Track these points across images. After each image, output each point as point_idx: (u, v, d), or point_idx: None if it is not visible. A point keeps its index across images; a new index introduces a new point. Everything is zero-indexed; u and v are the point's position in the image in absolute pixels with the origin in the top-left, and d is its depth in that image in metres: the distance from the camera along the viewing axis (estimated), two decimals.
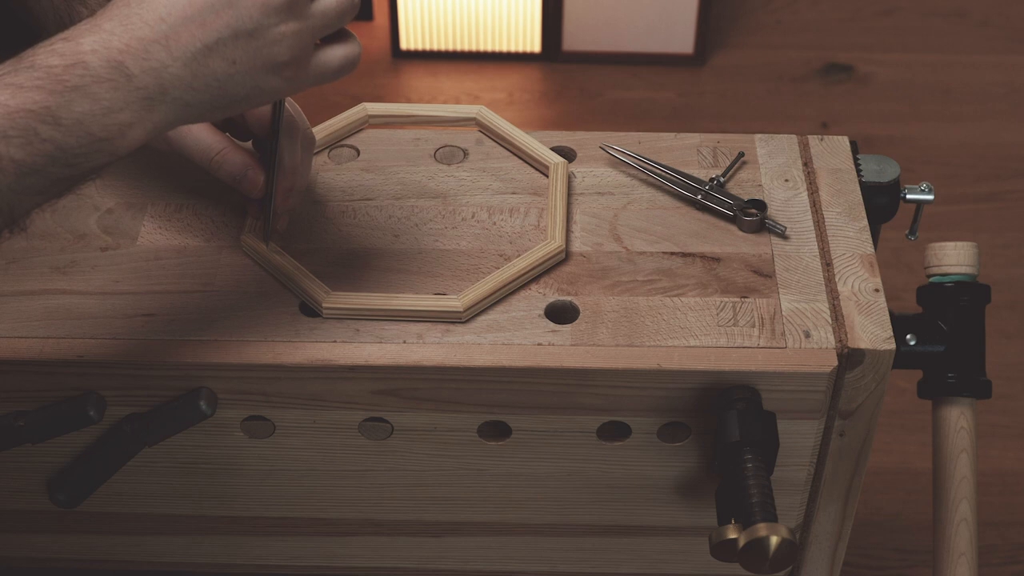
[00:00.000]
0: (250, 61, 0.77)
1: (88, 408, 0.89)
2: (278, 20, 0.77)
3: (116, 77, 0.73)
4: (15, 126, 0.70)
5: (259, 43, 0.77)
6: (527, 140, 1.04)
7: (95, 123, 0.73)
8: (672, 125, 2.39)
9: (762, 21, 2.66)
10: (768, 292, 0.94)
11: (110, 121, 0.73)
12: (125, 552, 1.05)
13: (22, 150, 0.71)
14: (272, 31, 0.77)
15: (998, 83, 2.51)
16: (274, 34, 0.77)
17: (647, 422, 0.92)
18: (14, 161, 0.70)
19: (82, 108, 0.72)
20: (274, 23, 0.77)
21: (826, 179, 1.03)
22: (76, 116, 0.72)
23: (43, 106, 0.71)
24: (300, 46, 0.79)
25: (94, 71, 0.72)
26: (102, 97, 0.73)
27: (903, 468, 1.83)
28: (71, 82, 0.72)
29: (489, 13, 2.48)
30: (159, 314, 0.92)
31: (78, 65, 0.72)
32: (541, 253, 0.94)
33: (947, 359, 0.98)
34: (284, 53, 0.78)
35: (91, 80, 0.72)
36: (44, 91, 0.71)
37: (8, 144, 0.70)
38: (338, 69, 0.83)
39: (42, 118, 0.71)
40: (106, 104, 0.73)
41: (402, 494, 0.98)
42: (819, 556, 1.03)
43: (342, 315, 0.91)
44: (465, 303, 0.91)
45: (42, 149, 0.71)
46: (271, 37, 0.77)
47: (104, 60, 0.73)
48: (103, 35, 0.73)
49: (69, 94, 0.72)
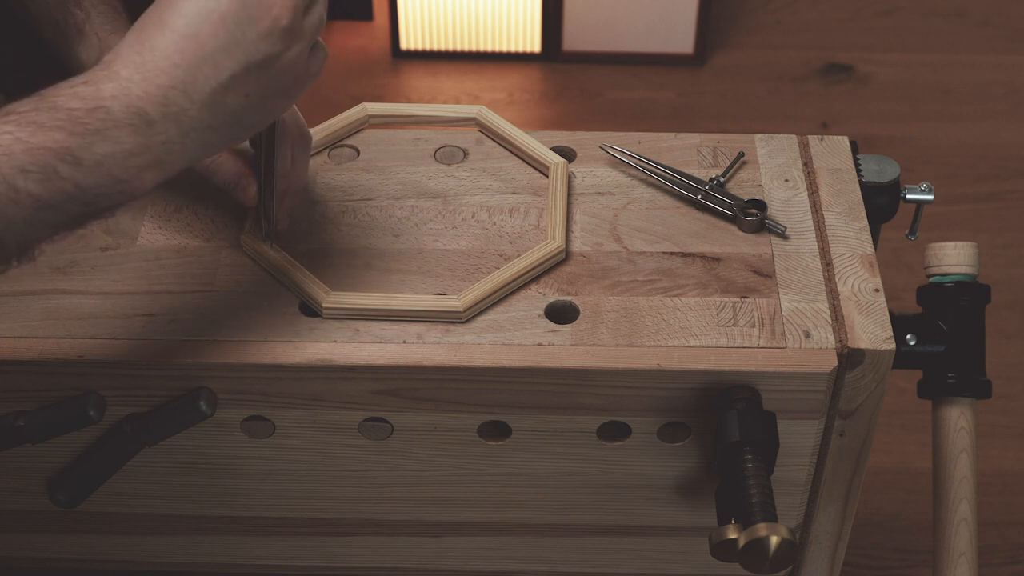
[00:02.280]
0: (262, 91, 0.79)
1: (88, 408, 0.89)
2: (283, 47, 0.78)
3: (137, 123, 0.74)
4: (35, 162, 0.71)
5: (270, 72, 0.78)
6: (527, 140, 1.04)
7: (116, 165, 0.74)
8: (672, 125, 2.39)
9: (762, 21, 2.66)
10: (768, 292, 0.94)
11: (130, 164, 0.74)
12: (125, 552, 1.05)
13: (40, 185, 0.71)
14: (281, 59, 0.78)
15: (998, 83, 2.51)
16: (283, 61, 0.79)
17: (647, 422, 0.92)
18: (31, 195, 0.71)
19: (103, 150, 0.73)
20: (280, 50, 0.78)
21: (826, 179, 1.03)
22: (97, 158, 0.73)
23: (63, 146, 0.72)
24: (303, 64, 0.81)
25: (115, 116, 0.74)
26: (123, 141, 0.74)
27: (903, 468, 1.83)
28: (92, 125, 0.73)
29: (489, 13, 2.48)
30: (159, 314, 0.92)
31: (99, 110, 0.73)
32: (541, 253, 0.94)
33: (947, 359, 0.98)
34: (290, 78, 0.80)
35: (112, 125, 0.73)
36: (65, 132, 0.72)
37: (27, 179, 0.71)
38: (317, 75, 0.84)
39: (62, 157, 0.72)
40: (127, 147, 0.74)
41: (402, 494, 0.98)
42: (819, 556, 1.03)
43: (342, 315, 0.91)
44: (465, 303, 0.91)
45: (60, 187, 0.72)
46: (280, 65, 0.79)
47: (125, 107, 0.74)
48: (122, 82, 0.74)
49: (90, 136, 0.73)
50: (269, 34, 0.77)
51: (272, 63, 0.78)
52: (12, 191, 0.71)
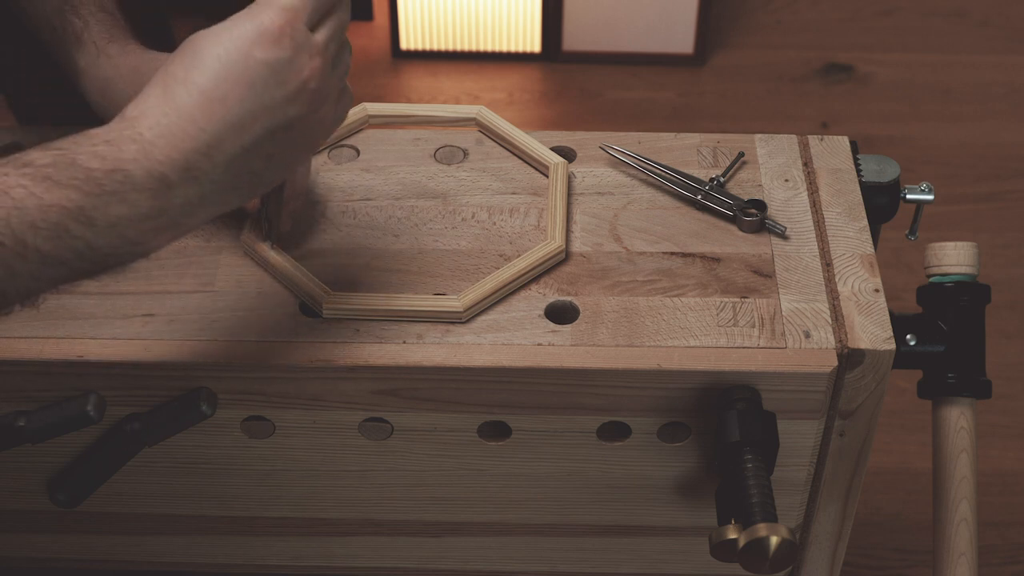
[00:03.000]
0: (285, 153, 0.77)
1: (88, 408, 0.89)
2: (311, 109, 0.77)
3: (157, 187, 0.72)
4: (46, 219, 0.69)
5: (294, 133, 0.77)
6: (527, 140, 1.04)
7: (130, 227, 0.72)
8: (672, 125, 2.39)
9: (762, 21, 2.66)
10: (768, 292, 0.94)
11: (145, 227, 0.73)
12: (125, 552, 1.05)
13: (50, 243, 0.70)
14: (307, 120, 0.77)
15: (998, 83, 2.51)
16: (309, 122, 0.77)
17: (647, 422, 0.92)
18: (39, 252, 0.70)
19: (118, 213, 0.71)
20: (307, 112, 0.77)
21: (826, 179, 1.03)
22: (111, 220, 0.71)
23: (78, 206, 0.70)
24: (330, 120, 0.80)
25: (134, 180, 0.71)
26: (140, 204, 0.72)
27: (903, 468, 1.83)
28: (109, 187, 0.71)
29: (489, 13, 2.48)
30: (159, 314, 0.92)
31: (118, 172, 0.71)
32: (541, 253, 0.94)
33: (947, 359, 0.98)
34: (317, 132, 0.79)
35: (131, 188, 0.71)
36: (81, 192, 0.70)
37: (36, 235, 0.69)
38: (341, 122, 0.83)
39: (75, 216, 0.70)
40: (143, 211, 0.72)
41: (402, 494, 0.98)
42: (819, 556, 1.03)
43: (342, 315, 0.91)
44: (465, 303, 0.91)
45: (71, 245, 0.71)
46: (305, 125, 0.77)
47: (145, 170, 0.72)
48: (144, 145, 0.72)
49: (106, 198, 0.71)
50: (297, 97, 0.75)
51: (300, 124, 0.77)
52: (20, 246, 0.69)
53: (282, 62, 0.74)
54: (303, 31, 0.75)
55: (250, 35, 0.74)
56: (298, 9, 0.75)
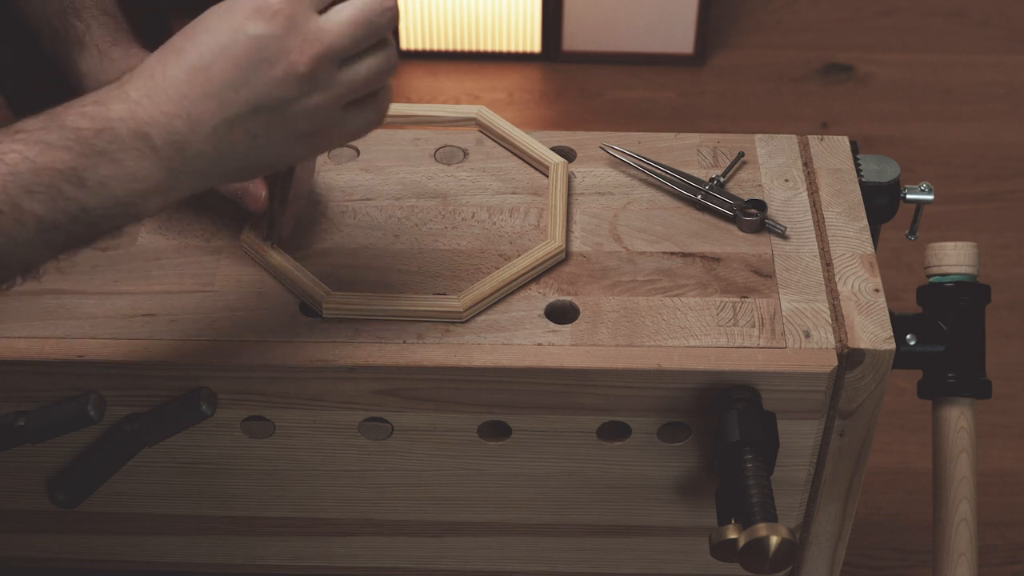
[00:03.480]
0: (271, 135, 0.76)
1: (88, 408, 0.89)
2: (300, 94, 0.75)
3: (142, 147, 0.73)
4: (40, 182, 0.71)
5: (281, 117, 0.75)
6: (527, 140, 1.04)
7: (119, 187, 0.73)
8: (672, 125, 2.39)
9: (762, 21, 2.66)
10: (768, 292, 0.94)
11: (134, 187, 0.73)
12: (125, 552, 1.05)
13: (45, 206, 0.71)
14: (294, 105, 0.75)
15: (998, 83, 2.51)
16: (296, 108, 0.75)
17: (647, 422, 0.92)
18: (36, 216, 0.71)
19: (107, 172, 0.72)
20: (295, 97, 0.75)
21: (826, 179, 1.03)
22: (101, 179, 0.72)
23: (70, 166, 0.71)
24: (323, 117, 0.77)
25: (121, 139, 0.73)
26: (127, 164, 0.73)
27: (903, 468, 1.83)
28: (99, 146, 0.72)
29: (489, 13, 2.48)
30: (159, 314, 0.92)
31: (106, 131, 0.72)
32: (541, 253, 0.94)
33: (947, 359, 0.98)
34: (307, 126, 0.77)
35: (118, 147, 0.72)
36: (72, 152, 0.71)
37: (32, 199, 0.71)
38: (363, 130, 0.81)
39: (68, 178, 0.71)
40: (131, 171, 0.73)
41: (402, 494, 0.98)
42: (819, 556, 1.03)
43: (342, 315, 0.91)
44: (465, 303, 0.91)
45: (65, 207, 0.72)
46: (293, 111, 0.76)
47: (131, 130, 0.73)
48: (131, 104, 0.73)
49: (96, 157, 0.72)
50: (284, 79, 0.74)
51: (284, 108, 0.75)
52: (17, 211, 0.70)
53: (270, 39, 0.73)
54: (304, 12, 0.74)
55: (247, 9, 0.73)
56: None
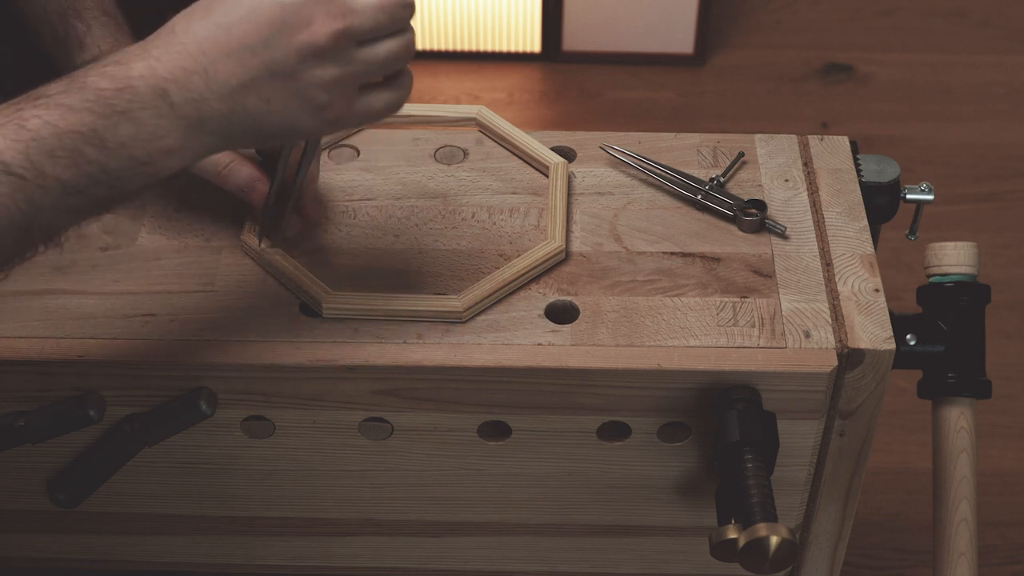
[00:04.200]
0: (285, 101, 0.77)
1: (88, 408, 0.89)
2: (316, 65, 0.76)
3: (160, 104, 0.74)
4: (63, 146, 0.72)
5: (296, 85, 0.77)
6: (527, 140, 1.04)
7: (138, 147, 0.74)
8: (672, 125, 2.39)
9: (762, 21, 2.66)
10: (768, 292, 0.94)
11: (153, 146, 0.74)
12: (125, 552, 1.05)
13: (67, 170, 0.72)
14: (309, 74, 0.76)
15: (998, 83, 2.51)
16: (311, 77, 0.77)
17: (647, 422, 0.92)
18: (59, 181, 0.72)
19: (127, 132, 0.73)
20: (312, 67, 0.76)
21: (826, 179, 1.03)
22: (121, 139, 0.73)
23: (91, 128, 0.72)
24: (341, 90, 0.78)
25: (141, 97, 0.74)
26: (146, 123, 0.74)
27: (903, 468, 1.83)
28: (119, 106, 0.73)
29: (489, 13, 2.48)
30: (159, 314, 0.92)
31: (127, 90, 0.73)
32: (541, 253, 0.94)
33: (947, 359, 0.98)
34: (322, 97, 0.78)
35: (137, 106, 0.73)
36: (93, 113, 0.72)
37: (55, 164, 0.71)
38: (381, 113, 0.82)
39: (89, 140, 0.72)
40: (150, 129, 0.74)
41: (402, 494, 0.98)
42: (819, 556, 1.03)
43: (342, 315, 0.91)
44: (465, 303, 0.91)
45: (87, 170, 0.73)
46: (308, 80, 0.77)
47: (150, 86, 0.74)
48: (151, 61, 0.74)
49: (116, 117, 0.73)
50: (302, 48, 0.75)
51: (299, 76, 0.76)
52: (40, 177, 0.71)
53: (296, 7, 0.75)
54: None
55: None
56: None
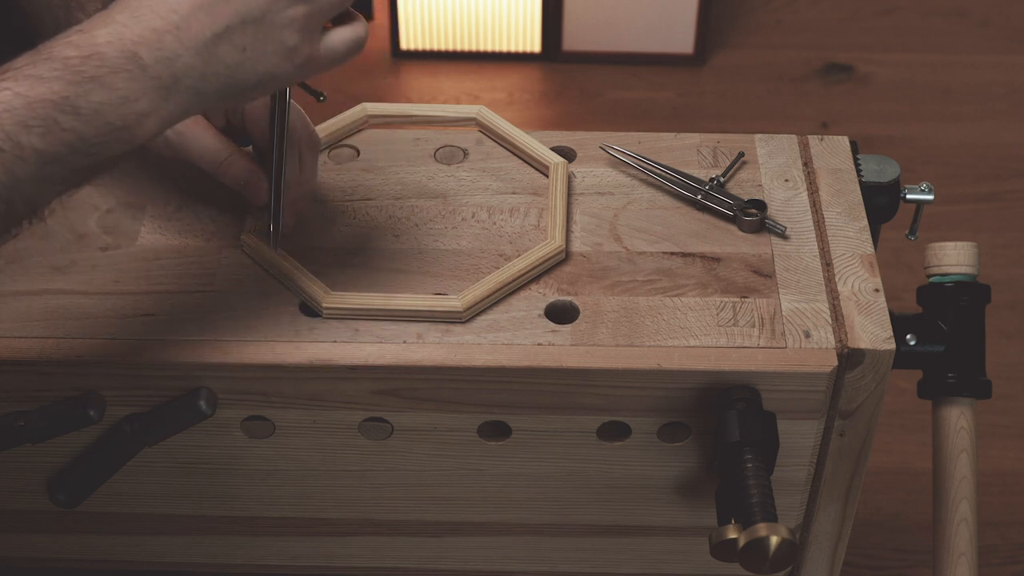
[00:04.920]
0: (260, 47, 0.78)
1: (88, 408, 0.89)
2: (285, 5, 0.78)
3: (131, 67, 0.74)
4: (36, 116, 0.71)
5: (267, 28, 0.78)
6: (527, 140, 1.04)
7: (113, 112, 0.74)
8: (672, 125, 2.39)
9: (762, 21, 2.66)
10: (768, 292, 0.94)
11: (127, 110, 0.74)
12: (125, 552, 1.05)
13: (43, 139, 0.72)
14: (280, 16, 0.78)
15: (998, 83, 2.51)
16: (282, 19, 0.78)
17: (647, 422, 0.92)
18: (36, 150, 0.72)
19: (100, 97, 0.73)
20: (282, 7, 0.78)
21: (826, 179, 1.03)
22: (94, 105, 0.73)
23: (62, 96, 0.72)
24: (308, 29, 0.80)
25: (110, 62, 0.73)
26: (118, 87, 0.74)
27: (903, 468, 1.83)
28: (88, 72, 0.73)
29: (489, 13, 2.48)
30: (159, 314, 0.92)
31: (94, 56, 0.73)
32: (541, 253, 0.94)
33: (947, 359, 0.98)
34: (293, 37, 0.79)
35: (107, 71, 0.73)
36: (63, 82, 0.72)
37: (30, 133, 0.71)
38: (346, 52, 0.83)
39: (61, 108, 0.72)
40: (122, 93, 0.74)
41: (402, 494, 0.98)
42: (819, 556, 1.03)
43: (342, 315, 0.91)
44: (465, 303, 0.91)
45: (63, 138, 0.72)
46: (279, 22, 0.78)
47: (119, 51, 0.74)
48: (117, 27, 0.74)
49: (87, 84, 0.73)
50: None
51: (270, 18, 0.78)
52: (17, 148, 0.71)
53: None
54: None
55: None
56: None
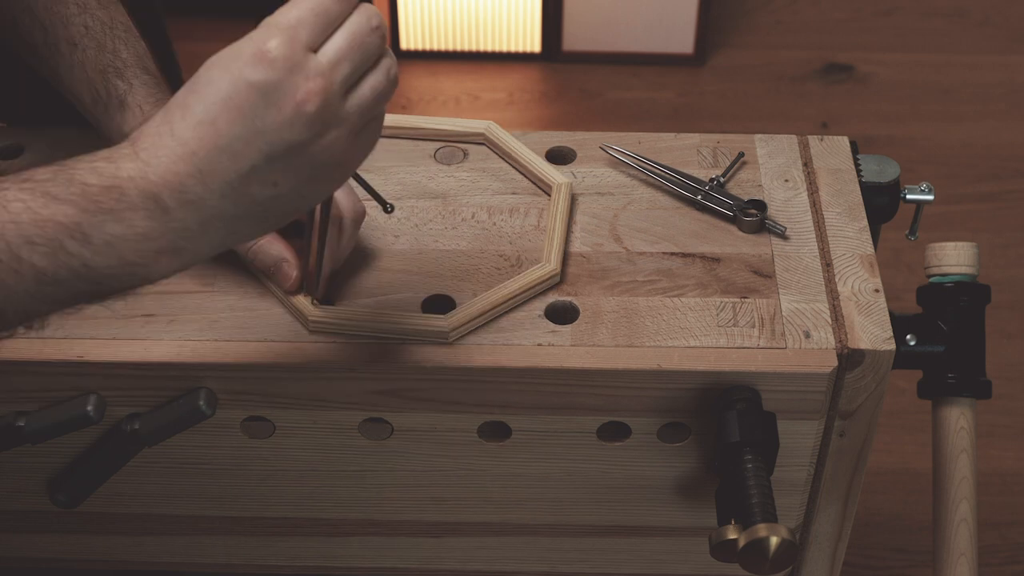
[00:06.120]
0: (294, 179, 0.73)
1: (88, 408, 0.89)
2: (313, 134, 0.72)
3: (152, 208, 0.70)
4: (42, 234, 0.68)
5: (300, 160, 0.72)
6: (533, 159, 1.03)
7: (127, 248, 0.70)
8: (672, 125, 2.39)
9: (762, 21, 2.66)
10: (768, 292, 0.94)
11: (144, 248, 0.71)
12: (125, 552, 1.05)
13: (45, 259, 0.69)
14: (311, 146, 0.72)
15: (998, 83, 2.51)
16: (314, 148, 0.72)
17: (647, 422, 0.92)
18: (35, 268, 0.69)
19: (114, 231, 0.70)
20: (309, 138, 0.72)
21: (826, 179, 1.03)
22: (107, 238, 0.70)
23: (74, 221, 0.69)
24: (341, 149, 0.74)
25: (130, 199, 0.70)
26: (137, 224, 0.70)
27: (903, 468, 1.83)
28: (106, 204, 0.69)
29: (489, 13, 2.48)
30: (159, 314, 0.92)
31: (114, 189, 0.70)
32: (534, 276, 0.93)
33: (947, 359, 0.98)
34: (328, 161, 0.73)
35: (126, 207, 0.70)
36: (77, 207, 0.69)
37: (32, 251, 0.68)
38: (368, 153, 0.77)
39: (71, 233, 0.69)
40: (140, 231, 0.70)
41: (402, 494, 0.98)
42: (819, 556, 1.03)
43: (328, 330, 0.90)
44: (452, 324, 0.90)
45: (68, 263, 0.69)
46: (311, 152, 0.72)
47: (140, 190, 0.70)
48: (140, 164, 0.70)
49: (102, 215, 0.69)
50: (293, 122, 0.71)
51: (302, 151, 0.72)
52: (15, 261, 0.68)
53: (273, 84, 0.70)
54: (300, 51, 0.71)
55: (245, 56, 0.70)
56: (295, 27, 0.71)
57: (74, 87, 0.96)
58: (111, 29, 0.97)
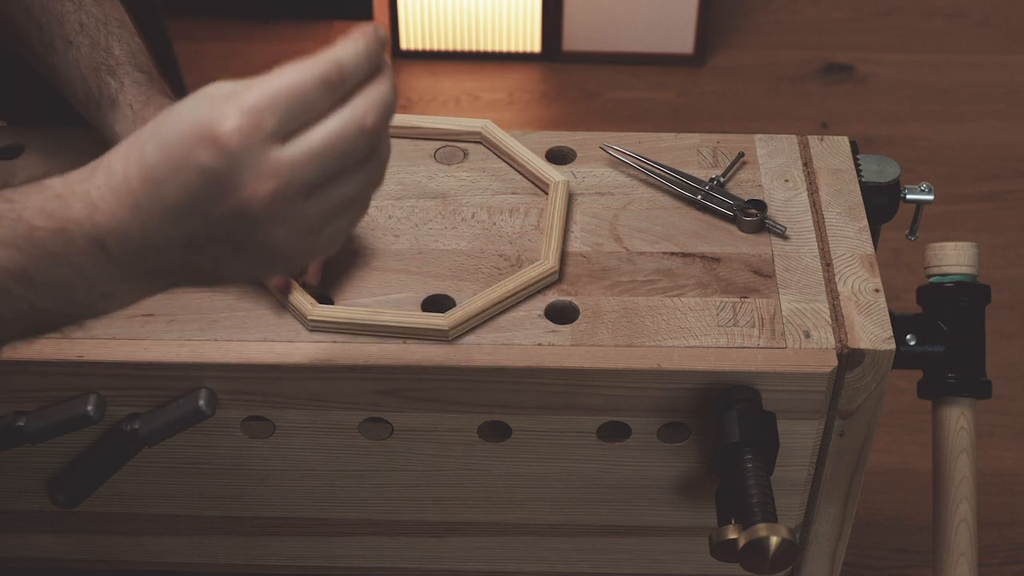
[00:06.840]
0: (232, 261, 0.68)
1: (88, 408, 0.89)
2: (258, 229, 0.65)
3: (97, 253, 0.66)
4: None
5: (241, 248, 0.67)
6: (530, 157, 1.03)
7: (74, 290, 0.67)
8: (672, 125, 2.39)
9: (762, 21, 2.66)
10: (768, 292, 0.94)
11: (91, 290, 0.68)
12: (125, 552, 1.05)
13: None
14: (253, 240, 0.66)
15: (998, 83, 2.51)
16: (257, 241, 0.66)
17: (647, 422, 0.92)
18: None
19: (61, 274, 0.67)
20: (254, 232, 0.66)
21: (826, 179, 1.03)
22: (53, 281, 0.67)
23: (19, 266, 0.66)
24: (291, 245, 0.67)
25: (75, 243, 0.66)
26: (83, 267, 0.67)
27: (903, 468, 1.83)
28: (51, 248, 0.66)
29: (489, 13, 2.48)
30: (159, 314, 0.92)
31: (61, 232, 0.66)
32: (534, 274, 0.93)
33: (947, 359, 0.98)
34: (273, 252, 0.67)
35: (73, 251, 0.66)
36: (23, 252, 0.66)
37: None
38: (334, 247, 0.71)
39: (16, 277, 0.66)
40: (87, 275, 0.67)
41: (402, 494, 0.98)
42: (819, 556, 1.03)
43: (327, 329, 0.90)
44: (451, 322, 0.90)
45: (13, 305, 0.67)
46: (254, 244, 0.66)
47: (86, 235, 0.66)
48: (89, 206, 0.66)
49: (48, 260, 0.66)
50: (235, 217, 0.65)
51: (244, 242, 0.66)
52: None
53: (218, 174, 0.63)
54: (259, 144, 0.63)
55: (201, 128, 0.63)
56: (262, 111, 0.63)
57: (69, 85, 0.96)
58: (105, 25, 0.96)
